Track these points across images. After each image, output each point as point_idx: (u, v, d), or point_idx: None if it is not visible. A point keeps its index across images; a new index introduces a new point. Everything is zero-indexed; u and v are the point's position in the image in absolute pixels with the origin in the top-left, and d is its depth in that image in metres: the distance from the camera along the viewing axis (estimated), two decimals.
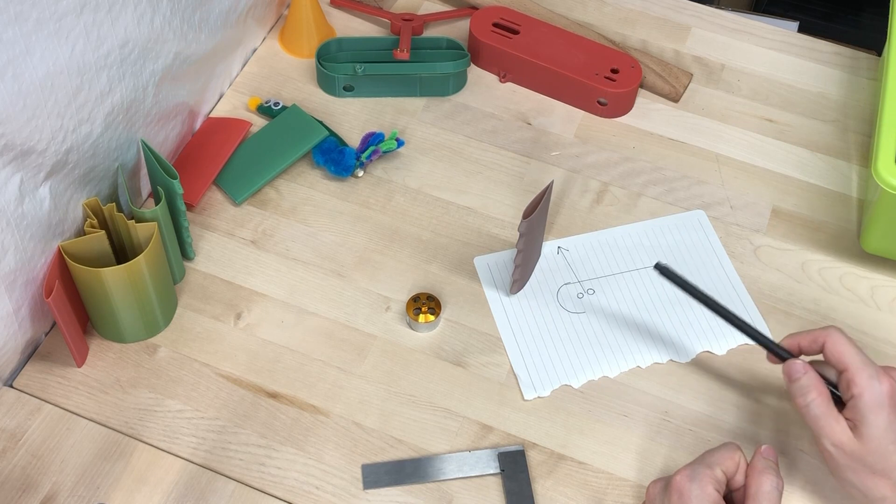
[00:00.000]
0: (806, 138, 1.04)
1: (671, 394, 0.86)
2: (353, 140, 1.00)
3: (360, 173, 0.98)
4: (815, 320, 0.90)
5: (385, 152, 0.98)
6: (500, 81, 1.07)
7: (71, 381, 0.84)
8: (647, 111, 1.05)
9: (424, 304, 0.88)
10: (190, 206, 0.95)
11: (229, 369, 0.85)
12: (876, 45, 1.17)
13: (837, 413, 0.73)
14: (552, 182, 0.88)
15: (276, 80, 1.06)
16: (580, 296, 0.91)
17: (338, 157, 0.97)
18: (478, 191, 0.98)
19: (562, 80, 1.04)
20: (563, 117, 1.04)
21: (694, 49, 1.12)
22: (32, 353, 0.85)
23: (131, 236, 0.82)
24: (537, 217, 0.86)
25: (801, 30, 1.33)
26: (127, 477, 0.79)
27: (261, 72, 1.07)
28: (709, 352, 0.88)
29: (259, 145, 0.99)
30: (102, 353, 0.86)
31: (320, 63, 1.04)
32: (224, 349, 0.86)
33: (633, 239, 0.95)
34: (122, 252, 0.85)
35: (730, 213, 0.97)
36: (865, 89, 1.09)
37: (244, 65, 1.07)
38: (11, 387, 0.83)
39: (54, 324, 0.86)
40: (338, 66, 1.04)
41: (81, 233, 0.83)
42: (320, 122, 1.01)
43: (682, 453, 0.82)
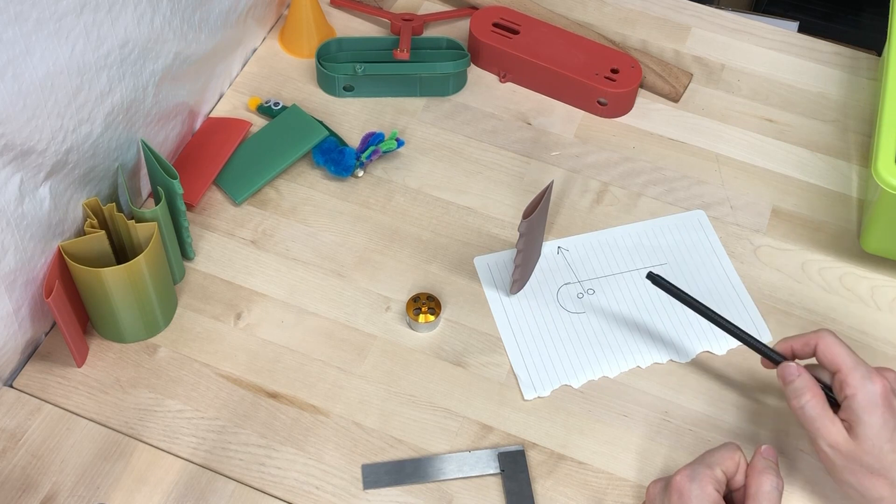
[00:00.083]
0: (806, 138, 1.04)
1: (671, 394, 0.86)
2: (353, 140, 1.00)
3: (360, 173, 0.98)
4: (815, 320, 0.90)
5: (385, 152, 0.98)
6: (500, 81, 1.07)
7: (71, 381, 0.84)
8: (647, 111, 1.05)
9: (424, 304, 0.88)
10: (190, 206, 0.95)
11: (229, 369, 0.85)
12: (876, 45, 1.17)
13: (833, 414, 0.73)
14: (552, 182, 0.87)
15: (276, 80, 1.06)
16: (580, 296, 0.91)
17: (338, 157, 0.97)
18: (478, 191, 0.98)
19: (562, 80, 1.04)
20: (563, 117, 1.04)
21: (694, 49, 1.12)
22: (32, 353, 0.85)
23: (131, 236, 0.82)
24: (537, 217, 0.86)
25: (801, 30, 1.33)
26: (127, 477, 0.79)
27: (261, 72, 1.07)
28: (709, 352, 0.88)
29: (259, 145, 0.99)
30: (102, 353, 0.86)
31: (320, 63, 1.04)
32: (224, 349, 0.86)
33: (633, 239, 0.95)
34: (122, 252, 0.85)
35: (730, 213, 0.97)
36: (865, 89, 1.09)
37: (244, 65, 1.07)
38: (11, 387, 0.83)
39: (54, 324, 0.86)
40: (338, 66, 1.04)
41: (81, 233, 0.83)
42: (320, 122, 1.01)
43: (682, 453, 0.82)
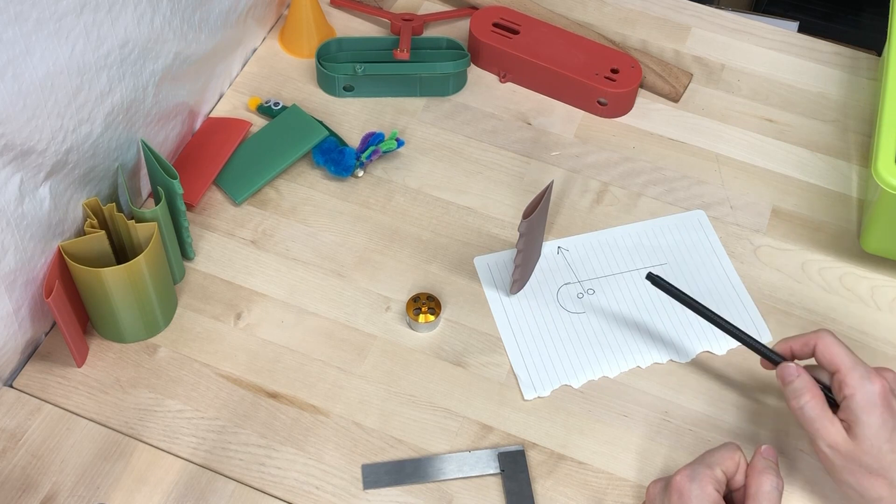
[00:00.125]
0: (806, 138, 1.04)
1: (671, 394, 0.86)
2: (353, 140, 1.00)
3: (360, 173, 0.98)
4: (815, 320, 0.90)
5: (385, 152, 0.98)
6: (500, 81, 1.07)
7: (71, 381, 0.84)
8: (647, 111, 1.05)
9: (424, 304, 0.88)
10: (190, 206, 0.95)
11: (229, 369, 0.85)
12: (876, 45, 1.17)
13: (832, 414, 0.73)
14: (552, 182, 0.87)
15: (276, 80, 1.06)
16: (580, 296, 0.91)
17: (338, 157, 0.97)
18: (478, 191, 0.98)
19: (562, 80, 1.04)
20: (563, 117, 1.04)
21: (694, 49, 1.12)
22: (32, 353, 0.85)
23: (131, 236, 0.82)
24: (537, 217, 0.86)
25: (801, 30, 1.33)
26: (127, 477, 0.79)
27: (261, 72, 1.07)
28: (709, 352, 0.88)
29: (259, 145, 0.99)
30: (102, 353, 0.86)
31: (320, 63, 1.04)
32: (224, 349, 0.86)
33: (633, 239, 0.95)
34: (122, 252, 0.85)
35: (730, 213, 0.97)
36: (865, 89, 1.09)
37: (244, 65, 1.07)
38: (11, 387, 0.83)
39: (54, 324, 0.86)
40: (338, 66, 1.04)
41: (81, 233, 0.83)
42: (320, 122, 1.01)
43: (682, 453, 0.82)
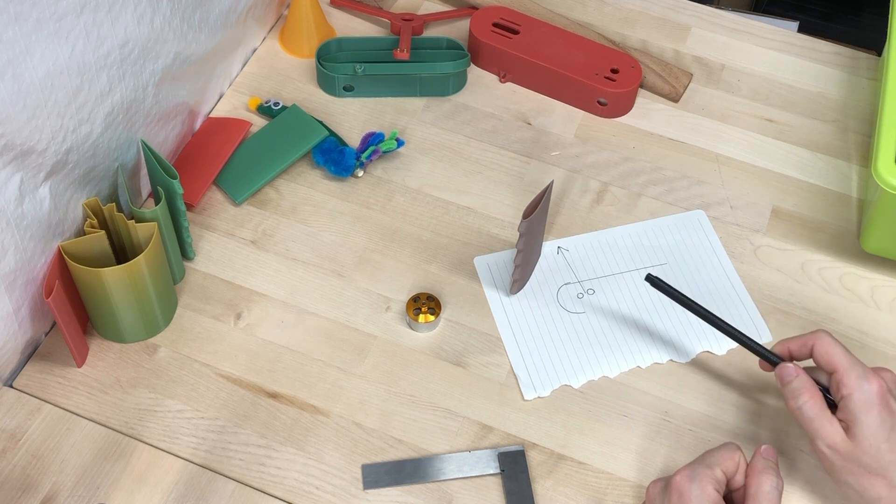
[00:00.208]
0: (806, 138, 1.04)
1: (671, 394, 0.86)
2: (353, 140, 1.00)
3: (360, 173, 0.98)
4: (815, 320, 0.90)
5: (385, 152, 0.98)
6: (500, 81, 1.07)
7: (71, 381, 0.84)
8: (647, 111, 1.05)
9: (424, 304, 0.88)
10: (190, 206, 0.95)
11: (229, 369, 0.85)
12: (876, 45, 1.17)
13: (831, 415, 0.73)
14: (552, 182, 0.87)
15: (276, 80, 1.06)
16: (580, 296, 0.91)
17: (338, 157, 0.97)
18: (478, 191, 0.98)
19: (562, 80, 1.04)
20: (563, 117, 1.04)
21: (694, 49, 1.12)
22: (32, 353, 0.85)
23: (131, 236, 0.82)
24: (537, 217, 0.86)
25: (801, 30, 1.33)
26: (127, 477, 0.79)
27: (261, 72, 1.07)
28: (709, 352, 0.88)
29: (259, 145, 0.99)
30: (102, 353, 0.86)
31: (320, 63, 1.04)
32: (224, 349, 0.86)
33: (633, 239, 0.95)
34: (122, 252, 0.85)
35: (730, 213, 0.97)
36: (865, 89, 1.09)
37: (244, 65, 1.07)
38: (11, 387, 0.83)
39: (54, 324, 0.86)
40: (338, 66, 1.04)
41: (81, 233, 0.83)
42: (320, 122, 1.01)
43: (682, 453, 0.82)
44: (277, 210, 0.96)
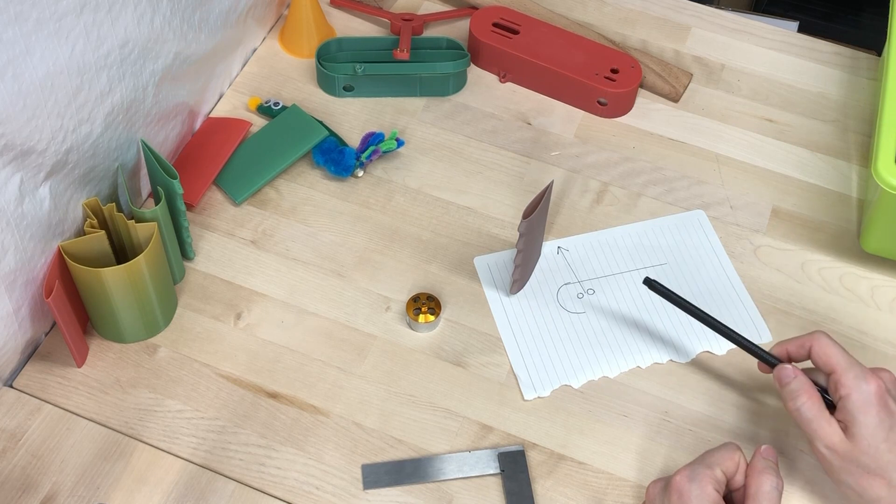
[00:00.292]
0: (806, 138, 1.04)
1: (671, 394, 0.86)
2: (353, 140, 1.00)
3: (360, 173, 0.98)
4: (815, 320, 0.90)
5: (385, 152, 0.98)
6: (500, 81, 1.07)
7: (71, 381, 0.84)
8: (647, 111, 1.05)
9: (424, 304, 0.88)
10: (190, 206, 0.95)
11: (229, 369, 0.85)
12: (876, 45, 1.17)
13: (829, 415, 0.73)
14: (552, 182, 0.87)
15: (276, 80, 1.06)
16: (580, 296, 0.91)
17: (338, 157, 0.97)
18: (478, 191, 0.98)
19: (562, 80, 1.04)
20: (563, 117, 1.04)
21: (694, 49, 1.12)
22: (32, 353, 0.85)
23: (131, 236, 0.82)
24: (537, 217, 0.86)
25: (801, 30, 1.33)
26: (127, 477, 0.79)
27: (261, 72, 1.07)
28: (709, 352, 0.88)
29: (259, 145, 0.99)
30: (102, 353, 0.86)
31: (320, 63, 1.04)
32: (224, 349, 0.86)
33: (633, 239, 0.95)
34: (122, 252, 0.85)
35: (730, 213, 0.97)
36: (865, 89, 1.09)
37: (244, 65, 1.07)
38: (11, 387, 0.83)
39: (54, 324, 0.86)
40: (338, 66, 1.04)
41: (81, 233, 0.83)
42: (320, 122, 1.01)
43: (682, 453, 0.82)
44: (277, 210, 0.96)
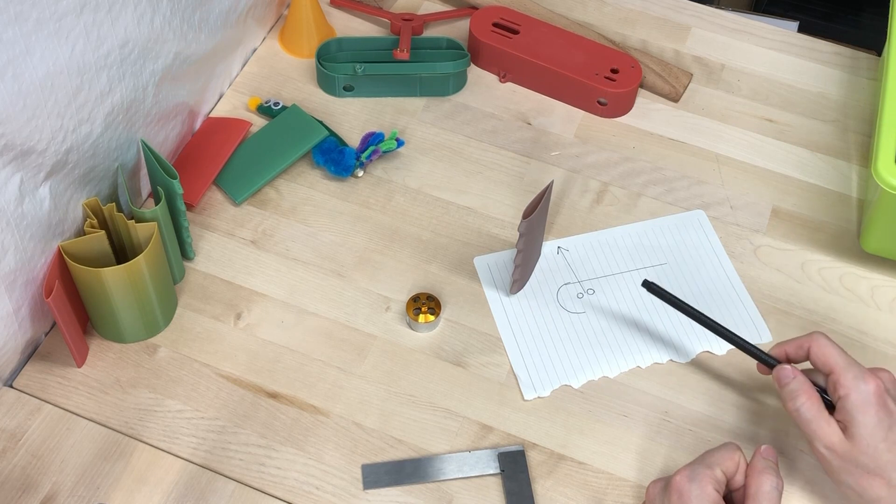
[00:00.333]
0: (806, 138, 1.04)
1: (671, 394, 0.86)
2: (353, 140, 1.00)
3: (360, 173, 0.98)
4: (815, 320, 0.90)
5: (385, 152, 0.98)
6: (500, 81, 1.07)
7: (71, 381, 0.84)
8: (647, 111, 1.05)
9: (424, 304, 0.88)
10: (190, 206, 0.95)
11: (229, 369, 0.85)
12: (876, 45, 1.17)
13: (828, 415, 0.73)
14: (552, 182, 0.87)
15: (276, 80, 1.06)
16: (580, 296, 0.91)
17: (338, 157, 0.97)
18: (478, 191, 0.98)
19: (562, 80, 1.04)
20: (563, 117, 1.04)
21: (694, 49, 1.12)
22: (32, 353, 0.85)
23: (131, 236, 0.82)
24: (537, 217, 0.86)
25: (801, 30, 1.33)
26: (127, 477, 0.79)
27: (261, 72, 1.07)
28: (709, 352, 0.88)
29: (259, 145, 0.99)
30: (102, 353, 0.86)
31: (320, 63, 1.04)
32: (224, 349, 0.86)
33: (633, 239, 0.95)
34: (122, 252, 0.85)
35: (730, 213, 0.97)
36: (865, 89, 1.09)
37: (244, 65, 1.07)
38: (11, 387, 0.83)
39: (54, 324, 0.86)
40: (338, 66, 1.04)
41: (81, 233, 0.83)
42: (320, 122, 1.01)
43: (682, 453, 0.82)
44: (277, 210, 0.96)
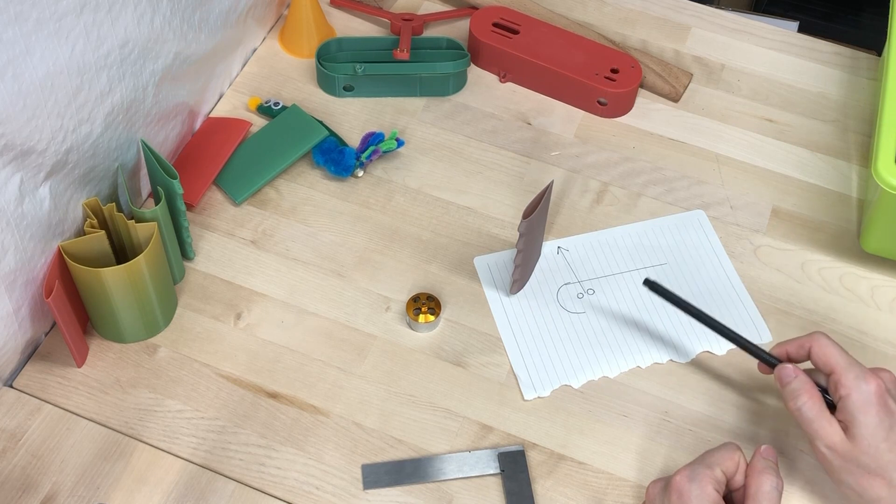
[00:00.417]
0: (806, 138, 1.04)
1: (671, 394, 0.86)
2: (353, 140, 1.00)
3: (360, 173, 0.98)
4: (815, 320, 0.90)
5: (385, 152, 0.98)
6: (500, 81, 1.07)
7: (71, 381, 0.84)
8: (647, 111, 1.05)
9: (424, 304, 0.88)
10: (190, 206, 0.95)
11: (229, 369, 0.85)
12: (876, 45, 1.17)
13: (830, 415, 0.73)
14: (552, 182, 0.87)
15: (276, 80, 1.06)
16: (580, 296, 0.91)
17: (338, 157, 0.97)
18: (478, 191, 0.98)
19: (562, 80, 1.04)
20: (563, 117, 1.04)
21: (694, 49, 1.12)
22: (32, 353, 0.85)
23: (131, 236, 0.82)
24: (537, 217, 0.86)
25: (801, 30, 1.33)
26: (127, 477, 0.79)
27: (261, 72, 1.07)
28: (709, 352, 0.88)
29: (259, 145, 0.99)
30: (102, 353, 0.86)
31: (320, 63, 1.04)
32: (224, 349, 0.86)
33: (633, 239, 0.95)
34: (122, 252, 0.85)
35: (730, 213, 0.97)
36: (865, 89, 1.09)
37: (244, 65, 1.07)
38: (11, 387, 0.83)
39: (54, 324, 0.86)
40: (338, 66, 1.04)
41: (81, 233, 0.83)
42: (320, 122, 1.01)
43: (682, 453, 0.82)
44: (277, 210, 0.96)
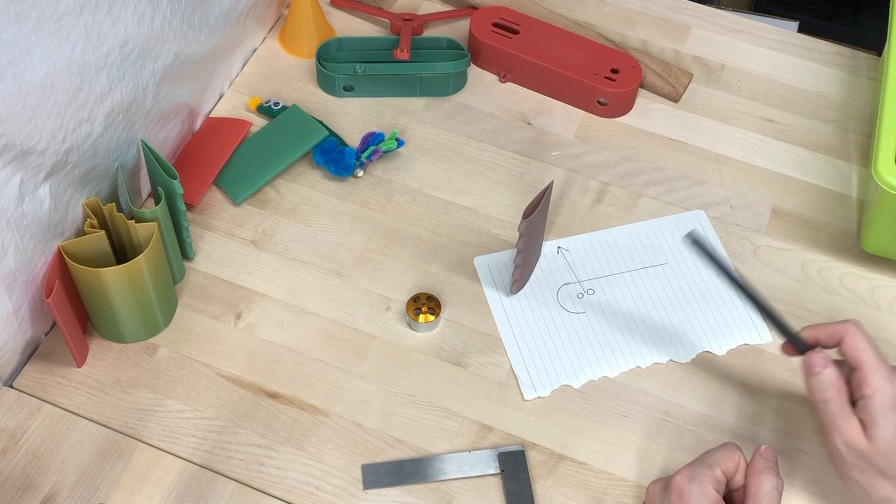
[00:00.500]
0: (806, 138, 1.04)
1: (671, 394, 0.86)
2: (353, 140, 1.00)
3: (360, 173, 0.98)
4: (814, 320, 0.90)
5: (385, 152, 0.98)
6: (500, 81, 1.07)
7: (71, 381, 0.84)
8: (647, 111, 1.05)
9: (424, 304, 0.88)
10: (190, 206, 0.95)
11: (229, 369, 0.85)
12: (876, 45, 1.17)
13: (851, 412, 0.72)
14: (552, 182, 0.87)
15: (276, 80, 1.06)
16: (580, 296, 0.91)
17: (338, 157, 0.97)
18: (478, 191, 0.98)
19: (562, 80, 1.04)
20: (563, 117, 1.04)
21: (694, 49, 1.12)
22: (32, 353, 0.85)
23: (131, 236, 0.83)
24: (537, 217, 0.86)
25: (801, 30, 1.33)
26: (127, 477, 0.79)
27: (261, 72, 1.07)
28: (709, 352, 0.88)
29: (259, 145, 0.99)
30: (102, 353, 0.86)
31: (320, 63, 1.04)
32: (224, 349, 0.86)
33: (633, 239, 0.95)
34: (122, 252, 0.85)
35: (730, 213, 0.98)
36: (865, 89, 1.09)
37: (244, 65, 1.07)
38: (11, 387, 0.83)
39: (54, 324, 0.86)
40: (338, 66, 1.04)
41: (81, 233, 0.83)
42: (320, 122, 1.01)
43: (682, 453, 0.82)
44: (277, 210, 0.96)
